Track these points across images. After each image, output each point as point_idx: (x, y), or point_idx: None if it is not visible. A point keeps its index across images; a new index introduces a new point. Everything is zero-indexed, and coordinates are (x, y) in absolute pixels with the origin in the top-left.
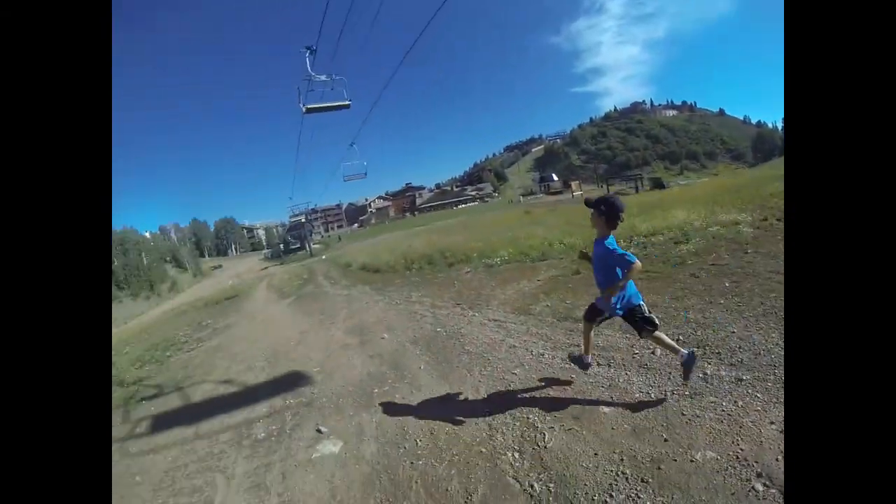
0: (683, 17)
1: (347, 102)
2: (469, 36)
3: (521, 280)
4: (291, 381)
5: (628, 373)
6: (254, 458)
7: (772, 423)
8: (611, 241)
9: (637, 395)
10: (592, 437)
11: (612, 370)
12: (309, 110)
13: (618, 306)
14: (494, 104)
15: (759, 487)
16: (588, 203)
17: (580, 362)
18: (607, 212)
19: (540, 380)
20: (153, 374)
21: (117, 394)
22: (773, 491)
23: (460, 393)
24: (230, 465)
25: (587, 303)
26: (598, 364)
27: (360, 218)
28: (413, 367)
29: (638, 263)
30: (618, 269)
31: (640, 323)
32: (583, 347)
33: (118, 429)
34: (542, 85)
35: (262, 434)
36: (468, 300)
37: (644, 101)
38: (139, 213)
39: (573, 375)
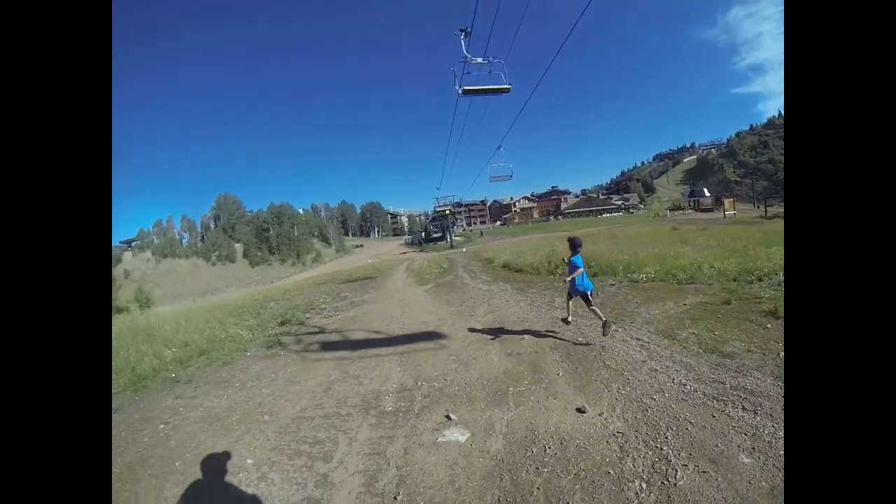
0: None
1: (507, 86)
2: (620, 31)
3: (667, 301)
4: (426, 364)
5: (775, 424)
6: (378, 428)
7: None
8: (574, 258)
9: (782, 451)
10: (726, 485)
11: (758, 418)
12: (466, 92)
13: (579, 289)
14: (646, 108)
15: None
16: (568, 239)
17: (564, 321)
18: (571, 245)
19: (679, 411)
20: (292, 330)
21: (260, 340)
22: None
23: (596, 407)
24: (354, 428)
25: (737, 337)
26: (744, 409)
27: (504, 216)
28: (551, 372)
29: (578, 271)
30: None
31: (587, 299)
32: (566, 313)
33: (261, 364)
34: (697, 86)
35: (390, 408)
36: (611, 314)
37: None
38: (295, 190)
39: (714, 416)
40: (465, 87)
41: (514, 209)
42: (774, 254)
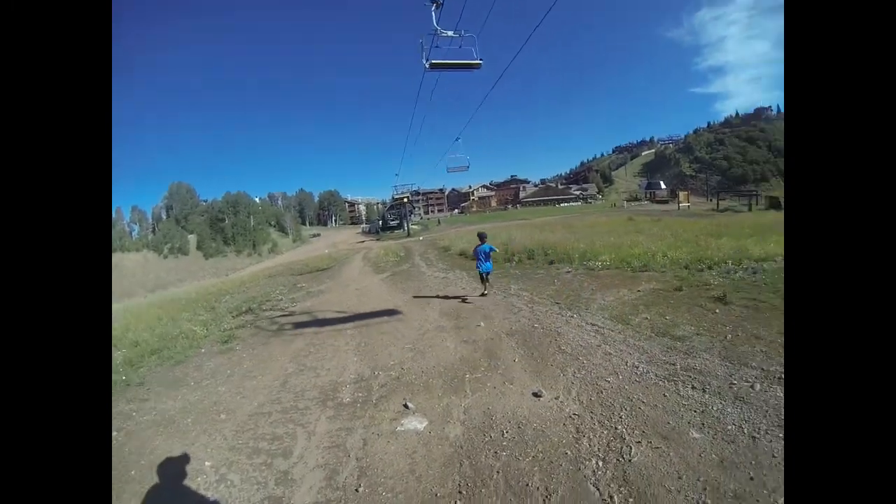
0: None
1: (478, 61)
2: (585, 25)
3: (622, 288)
4: (382, 353)
5: (723, 402)
6: (336, 420)
7: None
8: (482, 246)
9: (730, 426)
10: (678, 459)
11: (706, 396)
12: (434, 66)
13: (482, 269)
14: (608, 101)
15: None
16: (478, 233)
17: (483, 294)
18: (480, 236)
19: (632, 392)
20: (247, 324)
21: (215, 335)
22: None
23: (552, 391)
24: (313, 422)
25: (688, 321)
26: (694, 388)
27: (462, 204)
28: (507, 358)
29: (477, 260)
30: (484, 255)
31: (485, 277)
32: (484, 289)
33: (216, 361)
34: (659, 83)
35: (348, 399)
36: (567, 300)
37: (770, 106)
38: (252, 178)
39: (665, 395)
40: (433, 61)
41: (472, 198)
42: (724, 244)
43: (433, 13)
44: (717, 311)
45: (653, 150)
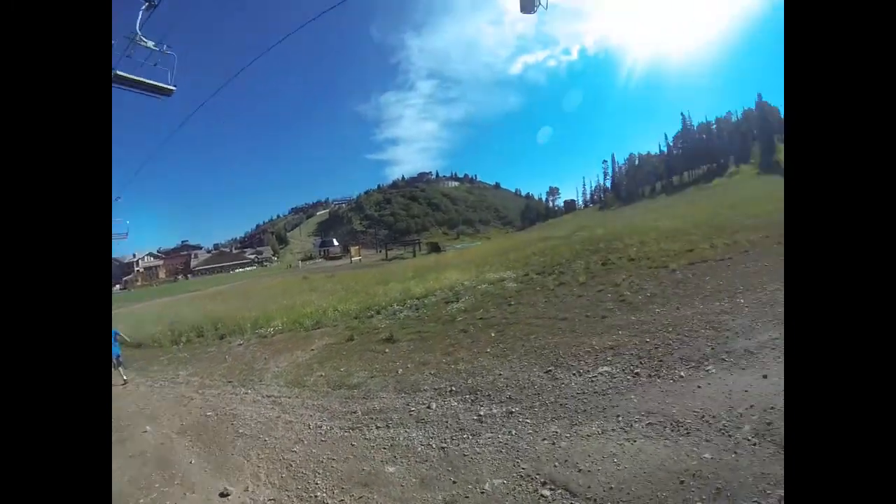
0: (480, 106)
1: (171, 87)
2: (273, 87)
3: (296, 350)
4: None
5: (407, 430)
6: None
7: (543, 439)
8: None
9: (419, 448)
10: (383, 498)
11: (391, 430)
12: (119, 79)
13: (115, 354)
14: (285, 163)
15: (547, 493)
16: None
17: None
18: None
19: (321, 454)
20: None
21: None
22: (560, 491)
23: (240, 483)
24: None
25: (361, 367)
26: (378, 427)
27: (125, 278)
28: (183, 462)
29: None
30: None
31: (117, 361)
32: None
33: None
34: (339, 148)
35: None
36: (240, 376)
37: (430, 171)
38: None
39: (354, 444)
40: (120, 73)
41: (137, 269)
42: (391, 289)
43: (141, 12)
44: (387, 350)
45: (327, 210)
